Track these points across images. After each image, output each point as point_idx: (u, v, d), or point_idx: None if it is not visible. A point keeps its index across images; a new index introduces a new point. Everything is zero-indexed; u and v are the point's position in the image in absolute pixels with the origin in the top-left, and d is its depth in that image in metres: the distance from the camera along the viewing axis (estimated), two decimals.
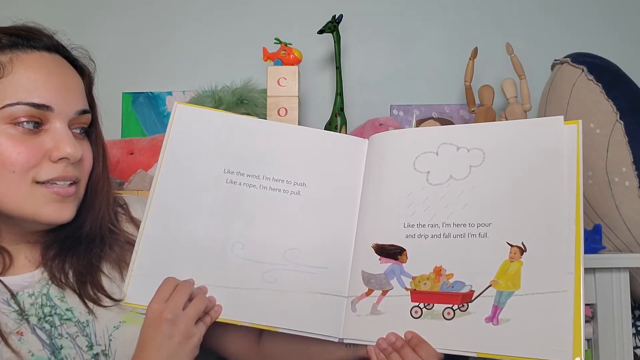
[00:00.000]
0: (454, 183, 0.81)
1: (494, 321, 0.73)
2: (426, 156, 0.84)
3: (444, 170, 0.82)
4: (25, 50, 0.75)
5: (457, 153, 0.82)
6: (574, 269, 0.71)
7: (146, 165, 1.28)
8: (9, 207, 0.74)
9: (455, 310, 0.75)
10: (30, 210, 0.74)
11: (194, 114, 0.88)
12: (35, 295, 0.78)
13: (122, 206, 0.90)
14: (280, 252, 0.83)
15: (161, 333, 0.73)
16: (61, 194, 0.75)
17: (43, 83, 0.74)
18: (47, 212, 0.75)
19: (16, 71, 0.73)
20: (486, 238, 0.77)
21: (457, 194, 0.80)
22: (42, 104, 0.73)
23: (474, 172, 0.80)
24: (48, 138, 0.74)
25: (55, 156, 0.74)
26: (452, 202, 0.80)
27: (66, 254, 0.81)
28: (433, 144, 0.84)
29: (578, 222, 0.73)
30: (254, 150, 0.87)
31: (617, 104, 1.08)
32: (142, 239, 0.82)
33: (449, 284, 0.77)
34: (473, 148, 0.81)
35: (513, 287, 0.73)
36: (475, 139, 0.82)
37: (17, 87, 0.73)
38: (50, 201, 0.75)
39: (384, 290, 0.79)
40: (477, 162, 0.80)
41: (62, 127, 0.75)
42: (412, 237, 0.80)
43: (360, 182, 0.86)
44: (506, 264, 0.74)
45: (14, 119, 0.72)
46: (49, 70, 0.76)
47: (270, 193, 0.85)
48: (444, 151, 0.83)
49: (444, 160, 0.82)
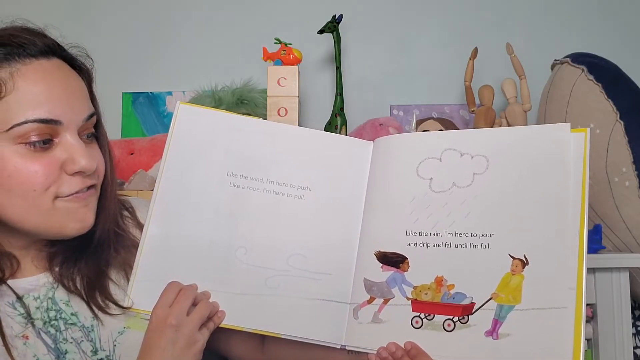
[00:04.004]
0: (457, 191, 0.79)
1: (493, 335, 0.72)
2: (430, 162, 0.82)
3: (447, 177, 0.80)
4: (23, 60, 0.72)
5: (461, 159, 0.80)
6: (576, 284, 0.70)
7: (146, 165, 1.28)
8: (33, 224, 0.73)
9: (456, 322, 0.74)
10: (56, 226, 0.74)
11: (196, 114, 0.87)
12: (40, 299, 0.78)
13: (128, 210, 0.89)
14: (283, 258, 0.82)
15: (165, 338, 0.72)
16: (82, 198, 0.75)
17: (48, 96, 0.72)
18: (72, 226, 0.75)
19: (18, 87, 0.71)
20: (488, 249, 0.75)
21: (460, 202, 0.78)
22: (50, 119, 0.71)
23: (478, 180, 0.79)
24: (60, 150, 0.73)
25: (70, 169, 0.73)
26: (454, 210, 0.78)
27: (75, 259, 0.80)
28: (437, 150, 0.82)
29: (582, 236, 0.71)
30: (258, 152, 0.85)
31: (617, 104, 1.08)
32: (145, 243, 0.81)
33: (449, 294, 0.76)
34: (477, 154, 0.80)
35: (514, 301, 0.72)
36: (479, 145, 0.80)
37: (22, 105, 0.70)
38: (73, 213, 0.74)
39: (386, 299, 0.79)
40: (481, 170, 0.79)
41: (72, 138, 0.73)
42: (414, 246, 0.79)
43: (364, 186, 0.85)
44: (507, 276, 0.73)
45: (24, 137, 0.70)
46: (52, 81, 0.73)
47: (274, 197, 0.84)
48: (447, 157, 0.81)
49: (448, 166, 0.81)
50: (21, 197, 0.71)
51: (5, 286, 0.76)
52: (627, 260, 1.02)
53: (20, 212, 0.72)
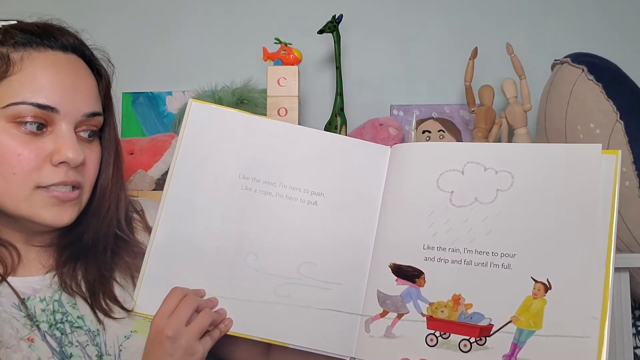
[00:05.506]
0: (478, 206, 0.76)
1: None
2: (451, 174, 0.79)
3: (469, 192, 0.77)
4: (39, 48, 0.74)
5: (485, 174, 0.77)
6: (600, 314, 0.67)
7: (146, 165, 1.28)
8: (7, 206, 0.73)
9: (473, 343, 0.72)
10: (28, 212, 0.73)
11: (209, 113, 0.84)
12: (47, 300, 0.77)
13: (138, 212, 0.88)
14: (294, 265, 0.80)
15: (162, 350, 0.71)
16: (60, 198, 0.74)
17: (50, 83, 0.72)
18: (45, 215, 0.74)
19: (25, 69, 0.72)
20: (509, 270, 0.73)
21: (481, 218, 0.76)
22: (47, 105, 0.72)
23: (501, 197, 0.76)
24: (51, 140, 0.73)
25: (55, 160, 0.73)
26: (475, 226, 0.75)
27: (76, 260, 0.80)
28: (459, 162, 0.79)
29: (608, 263, 0.69)
30: (271, 154, 0.83)
31: (617, 104, 1.08)
32: (153, 246, 0.79)
33: (467, 314, 0.73)
34: (501, 170, 0.77)
35: (534, 326, 0.70)
36: (505, 160, 0.77)
37: (23, 86, 0.71)
38: (49, 205, 0.74)
39: (400, 314, 0.77)
40: (505, 186, 0.76)
41: (67, 129, 0.73)
42: (431, 260, 0.77)
43: (380, 194, 0.82)
44: (529, 300, 0.71)
45: (19, 118, 0.71)
46: (59, 70, 0.74)
47: (287, 202, 0.81)
48: (470, 171, 0.78)
49: (470, 180, 0.78)
50: (1, 177, 0.72)
51: (9, 288, 0.76)
52: (627, 260, 1.02)
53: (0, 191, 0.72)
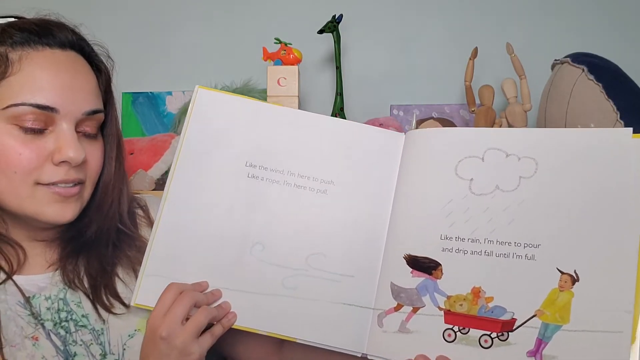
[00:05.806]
0: (500, 194, 0.72)
1: (537, 356, 0.66)
2: (470, 161, 0.75)
3: (490, 179, 0.73)
4: (37, 47, 0.73)
5: (506, 161, 0.73)
6: (634, 307, 0.63)
7: (146, 165, 1.28)
8: (11, 205, 0.74)
9: (494, 338, 0.69)
10: (32, 210, 0.74)
11: (215, 100, 0.81)
12: (52, 299, 0.77)
13: (142, 208, 0.88)
14: (302, 256, 0.77)
15: (157, 351, 0.70)
16: (62, 194, 0.74)
17: (49, 83, 0.72)
18: (48, 212, 0.74)
19: (24, 69, 0.71)
20: (533, 261, 0.69)
21: (503, 207, 0.72)
22: (46, 105, 0.71)
23: (524, 184, 0.72)
24: (52, 140, 0.73)
25: (56, 159, 0.73)
26: (496, 216, 0.72)
27: (77, 255, 0.80)
28: (479, 148, 0.75)
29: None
30: (279, 141, 0.80)
31: (617, 104, 1.08)
32: (156, 237, 0.77)
33: (488, 307, 0.70)
34: (525, 157, 0.73)
35: (561, 321, 0.66)
36: (528, 146, 0.73)
37: (22, 87, 0.71)
38: (52, 201, 0.74)
39: (415, 307, 0.73)
40: (529, 173, 0.72)
41: (67, 128, 0.73)
42: (449, 251, 0.73)
43: (393, 182, 0.78)
44: (555, 292, 0.67)
45: (19, 119, 0.71)
46: (58, 69, 0.73)
47: (295, 190, 0.78)
48: (490, 157, 0.74)
49: (491, 167, 0.74)
50: (4, 176, 0.72)
51: (15, 287, 0.76)
52: None
53: (1, 191, 0.73)
